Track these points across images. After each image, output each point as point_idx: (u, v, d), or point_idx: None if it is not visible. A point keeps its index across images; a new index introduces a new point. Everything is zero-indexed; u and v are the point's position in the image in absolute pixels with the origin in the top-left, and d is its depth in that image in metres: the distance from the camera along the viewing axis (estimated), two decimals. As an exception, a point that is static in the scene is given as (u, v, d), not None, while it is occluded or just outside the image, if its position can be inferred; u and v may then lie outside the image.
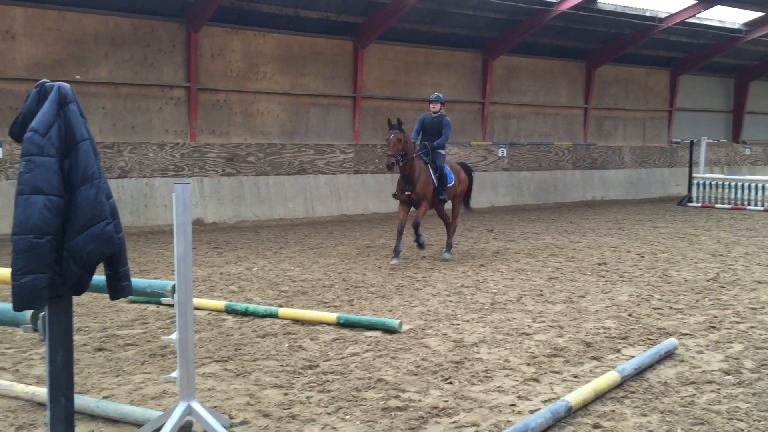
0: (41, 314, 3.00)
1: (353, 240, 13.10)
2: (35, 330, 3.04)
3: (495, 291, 8.28)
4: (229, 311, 7.04)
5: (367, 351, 5.74)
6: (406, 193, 10.24)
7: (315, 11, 16.95)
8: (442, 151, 10.59)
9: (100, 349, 5.81)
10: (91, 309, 7.18)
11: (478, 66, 20.74)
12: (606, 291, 8.29)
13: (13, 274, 2.80)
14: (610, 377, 4.84)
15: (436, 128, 10.53)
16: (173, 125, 15.82)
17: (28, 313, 3.05)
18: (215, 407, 4.38)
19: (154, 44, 15.14)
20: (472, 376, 5.11)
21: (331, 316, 6.66)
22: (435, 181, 10.35)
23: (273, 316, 6.87)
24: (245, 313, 6.99)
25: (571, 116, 22.98)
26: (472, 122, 20.88)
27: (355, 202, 18.30)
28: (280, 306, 7.26)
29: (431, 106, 10.61)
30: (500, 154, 21.09)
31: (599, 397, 4.62)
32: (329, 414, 4.33)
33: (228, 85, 16.55)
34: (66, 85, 3.05)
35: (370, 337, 6.18)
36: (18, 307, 2.84)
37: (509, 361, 5.47)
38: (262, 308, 7.05)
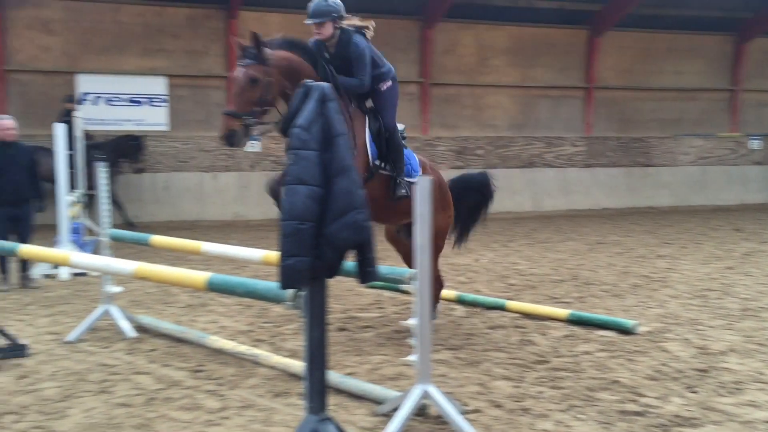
0: (301, 294, 3.30)
1: (583, 236, 12.70)
2: (296, 308, 3.35)
3: (745, 296, 7.54)
4: (460, 301, 7.19)
5: (600, 351, 5.55)
6: None
7: (549, 1, 16.63)
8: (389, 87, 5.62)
9: (342, 329, 6.25)
10: (332, 291, 7.75)
11: (727, 50, 18.96)
12: None
13: (280, 256, 3.12)
14: None
15: (342, 66, 5.40)
16: (407, 120, 16.44)
17: (290, 292, 3.37)
18: (448, 393, 4.52)
19: (392, 42, 15.85)
20: (720, 386, 4.72)
21: (563, 312, 6.52)
22: (370, 148, 5.35)
23: (501, 308, 6.90)
24: (474, 304, 7.10)
25: (844, 103, 20.14)
26: (719, 112, 19.16)
27: (585, 196, 17.69)
28: (509, 299, 7.27)
29: (314, 30, 5.38)
30: (753, 147, 19.11)
31: None
32: (562, 411, 4.27)
33: (459, 79, 16.84)
34: (327, 84, 3.32)
35: (603, 336, 5.96)
36: (283, 286, 3.16)
37: (764, 374, 4.97)
38: (491, 300, 7.11)
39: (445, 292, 7.43)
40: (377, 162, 5.42)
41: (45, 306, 7.15)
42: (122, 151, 13.48)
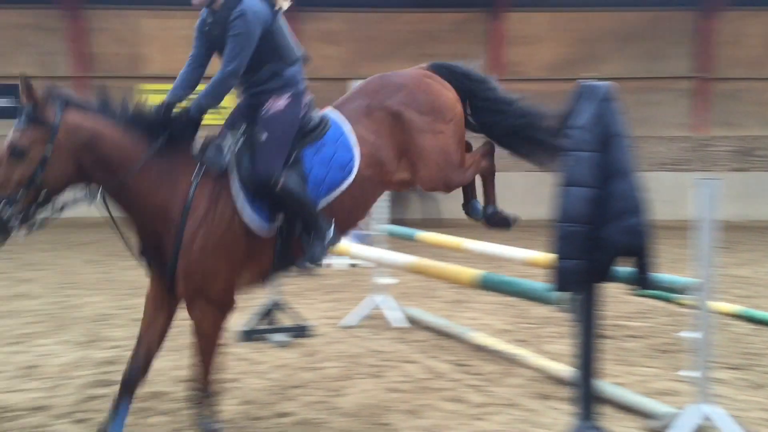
0: (574, 296, 3.25)
1: None
2: (566, 311, 3.31)
3: None
4: (746, 318, 6.51)
5: None
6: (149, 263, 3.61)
7: None
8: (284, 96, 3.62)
9: (607, 337, 6.01)
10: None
11: None
12: None
13: (555, 258, 3.11)
14: None
15: (222, 39, 3.52)
16: (678, 117, 15.36)
17: (561, 294, 3.34)
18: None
19: (663, 36, 14.88)
20: None
21: None
22: (247, 209, 3.41)
23: (794, 329, 6.13)
24: (761, 322, 6.39)
25: None
26: None
27: None
28: (803, 319, 6.42)
29: None
30: None
31: None
32: None
33: (741, 72, 15.30)
34: (606, 84, 3.22)
35: None
36: (558, 288, 3.14)
37: None
38: (781, 319, 6.35)
39: (726, 306, 6.79)
40: (274, 224, 3.51)
41: (325, 292, 7.87)
42: None
